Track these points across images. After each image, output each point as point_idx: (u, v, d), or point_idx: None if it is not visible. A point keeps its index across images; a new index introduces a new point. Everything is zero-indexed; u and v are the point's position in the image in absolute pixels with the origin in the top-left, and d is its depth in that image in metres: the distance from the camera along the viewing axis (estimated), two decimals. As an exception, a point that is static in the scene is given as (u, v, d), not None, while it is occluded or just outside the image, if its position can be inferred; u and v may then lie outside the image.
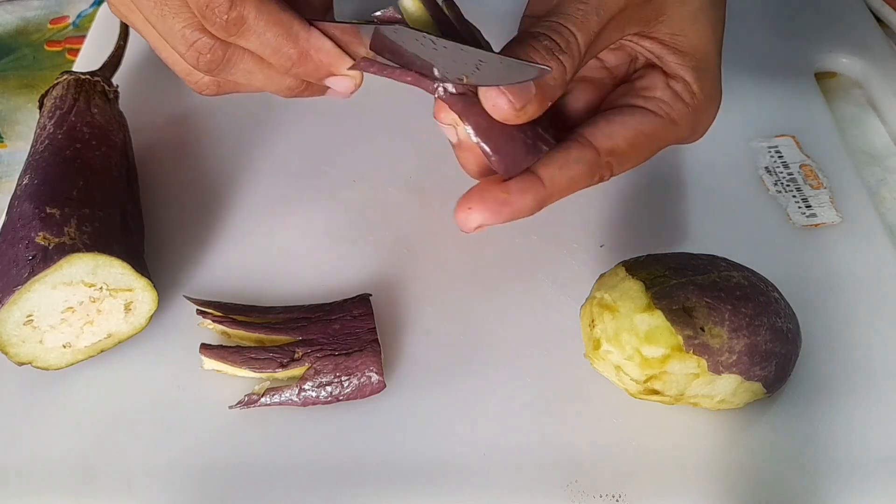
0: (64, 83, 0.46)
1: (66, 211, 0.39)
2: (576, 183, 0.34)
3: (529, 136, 0.33)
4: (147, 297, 0.40)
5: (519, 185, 0.33)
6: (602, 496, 0.36)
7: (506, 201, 0.33)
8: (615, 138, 0.35)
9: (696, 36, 0.36)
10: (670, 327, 0.34)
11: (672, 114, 0.36)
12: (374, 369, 0.38)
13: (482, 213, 0.33)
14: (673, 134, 0.36)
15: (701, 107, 0.37)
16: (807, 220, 0.46)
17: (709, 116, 0.38)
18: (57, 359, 0.39)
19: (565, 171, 0.34)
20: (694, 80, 0.36)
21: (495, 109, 0.32)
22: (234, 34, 0.32)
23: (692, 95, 0.36)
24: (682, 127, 0.36)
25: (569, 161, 0.34)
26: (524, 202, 0.33)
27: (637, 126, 0.35)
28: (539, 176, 0.33)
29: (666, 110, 0.36)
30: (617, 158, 0.35)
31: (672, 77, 0.36)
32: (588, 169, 0.34)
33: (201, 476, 0.37)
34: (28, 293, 0.37)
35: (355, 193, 0.48)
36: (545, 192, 0.33)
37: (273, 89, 0.36)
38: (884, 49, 0.56)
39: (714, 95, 0.37)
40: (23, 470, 0.37)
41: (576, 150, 0.34)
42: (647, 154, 0.36)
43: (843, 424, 0.38)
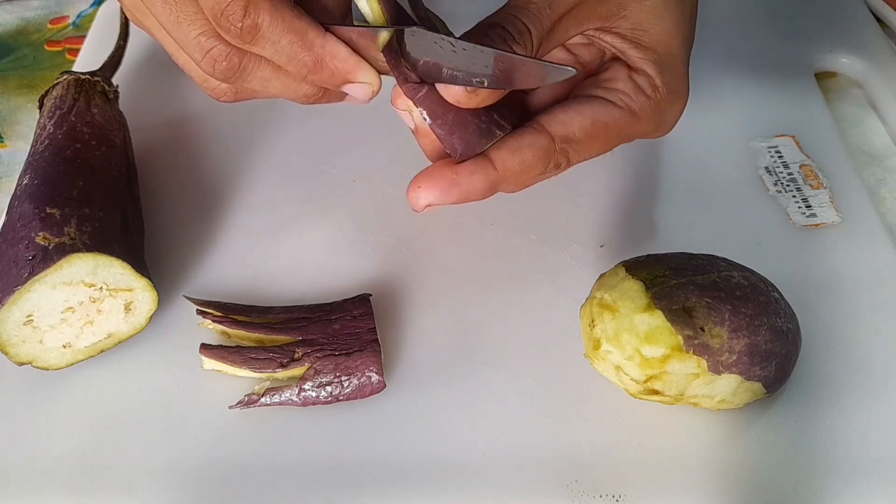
0: (64, 83, 0.46)
1: (66, 211, 0.39)
2: (529, 168, 0.34)
3: (484, 122, 0.34)
4: (147, 297, 0.40)
5: (469, 167, 0.33)
6: (602, 496, 0.36)
7: (454, 181, 0.33)
8: (571, 126, 0.35)
9: (658, 31, 0.36)
10: (670, 327, 0.34)
11: (633, 105, 0.36)
12: (374, 369, 0.38)
13: (431, 192, 0.33)
14: (634, 126, 0.37)
15: (664, 101, 0.37)
16: (807, 220, 0.46)
17: (674, 111, 0.38)
18: (57, 359, 0.39)
19: (517, 154, 0.34)
20: (656, 73, 0.36)
21: (447, 91, 0.33)
22: (248, 42, 0.32)
23: (654, 89, 0.36)
24: (644, 120, 0.37)
25: (521, 145, 0.34)
26: (473, 183, 0.33)
27: (594, 115, 0.35)
28: (490, 158, 0.34)
29: (626, 102, 0.36)
30: (573, 146, 0.35)
31: (635, 70, 0.36)
32: (542, 154, 0.34)
33: (201, 476, 0.37)
34: (28, 293, 0.37)
35: (355, 193, 0.49)
36: (496, 176, 0.34)
37: (290, 96, 0.36)
38: (884, 49, 0.56)
39: (679, 91, 0.37)
40: (23, 470, 0.37)
41: (529, 136, 0.34)
42: (606, 144, 0.36)
43: (843, 424, 0.38)
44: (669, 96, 0.37)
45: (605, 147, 0.37)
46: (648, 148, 0.50)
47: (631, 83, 0.36)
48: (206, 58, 0.33)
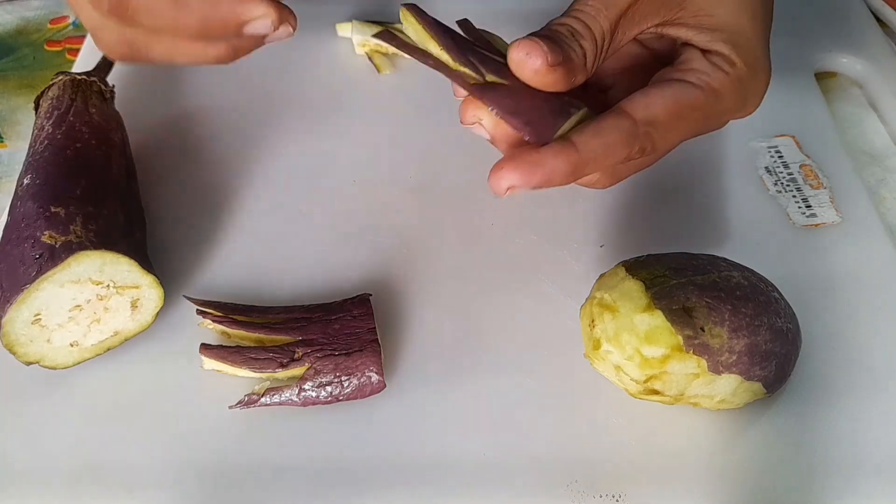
0: (60, 84, 0.46)
1: (70, 209, 0.39)
2: (612, 151, 0.33)
3: (557, 104, 0.33)
4: (153, 293, 0.40)
5: (551, 149, 0.32)
6: (602, 496, 0.36)
7: (538, 161, 0.32)
8: (653, 108, 0.34)
9: (723, 12, 0.36)
10: (670, 327, 0.34)
11: (713, 83, 0.35)
12: (374, 369, 0.38)
13: (514, 174, 0.32)
14: (718, 104, 0.36)
15: (744, 76, 0.36)
16: (807, 220, 0.46)
17: (757, 87, 0.37)
18: (64, 358, 0.39)
19: (599, 137, 0.33)
20: (730, 51, 0.36)
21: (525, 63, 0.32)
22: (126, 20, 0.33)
23: (732, 65, 0.36)
24: (727, 97, 0.36)
25: (603, 128, 0.33)
26: (557, 164, 0.32)
27: (676, 96, 0.35)
28: (572, 141, 0.33)
29: (705, 80, 0.35)
30: (657, 129, 0.34)
31: (708, 52, 0.36)
32: (624, 137, 0.33)
33: (201, 476, 0.37)
34: (36, 292, 0.37)
35: (355, 193, 0.48)
36: (578, 157, 0.32)
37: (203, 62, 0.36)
38: (884, 49, 0.56)
39: (758, 66, 0.37)
40: (23, 470, 0.37)
41: (611, 118, 0.33)
42: (692, 126, 0.36)
43: (843, 424, 0.38)
44: (749, 71, 0.36)
45: (691, 129, 0.36)
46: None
47: (707, 62, 0.36)
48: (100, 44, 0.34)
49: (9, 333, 0.37)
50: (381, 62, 0.56)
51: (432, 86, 0.54)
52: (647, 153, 0.35)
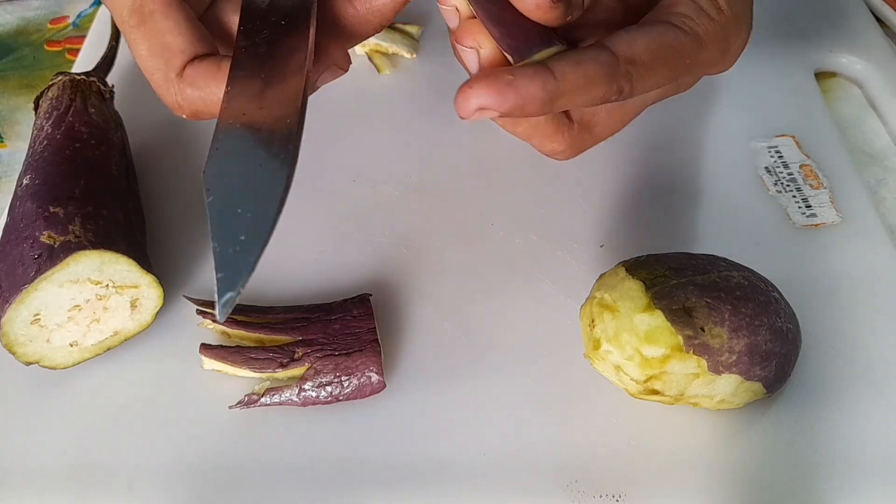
0: (59, 84, 0.46)
1: (69, 209, 0.39)
2: (590, 84, 0.31)
3: (543, 32, 0.31)
4: (153, 293, 0.40)
5: (527, 71, 0.30)
6: (602, 496, 0.36)
7: (511, 83, 0.29)
8: (635, 46, 0.32)
9: None
10: (670, 327, 0.34)
11: (697, 28, 0.34)
12: (374, 369, 0.38)
13: (486, 93, 0.29)
14: (700, 52, 0.34)
15: (729, 25, 0.35)
16: (807, 220, 0.46)
17: (739, 39, 0.36)
18: (64, 358, 0.39)
19: (579, 67, 0.30)
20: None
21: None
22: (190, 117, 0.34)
23: (718, 11, 0.34)
24: (710, 46, 0.34)
25: (583, 59, 0.31)
26: (532, 89, 0.29)
27: (659, 37, 0.33)
28: (550, 68, 0.30)
29: (690, 25, 0.34)
30: (637, 69, 0.32)
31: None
32: (605, 72, 0.31)
33: (201, 476, 0.37)
34: (35, 292, 0.37)
35: (355, 193, 0.48)
36: (555, 85, 0.30)
37: None
38: (884, 49, 0.56)
39: (742, 16, 0.35)
40: (22, 470, 0.37)
41: (592, 51, 0.31)
42: (671, 70, 0.34)
43: (843, 424, 0.38)
44: (734, 21, 0.35)
45: (670, 73, 0.34)
46: (648, 147, 0.50)
47: (693, 5, 0.34)
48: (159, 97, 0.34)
49: (8, 333, 0.37)
50: (381, 62, 0.56)
51: (432, 86, 0.54)
52: (624, 95, 0.33)
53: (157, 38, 0.33)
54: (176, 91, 0.34)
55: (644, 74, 0.32)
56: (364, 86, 0.55)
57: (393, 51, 0.56)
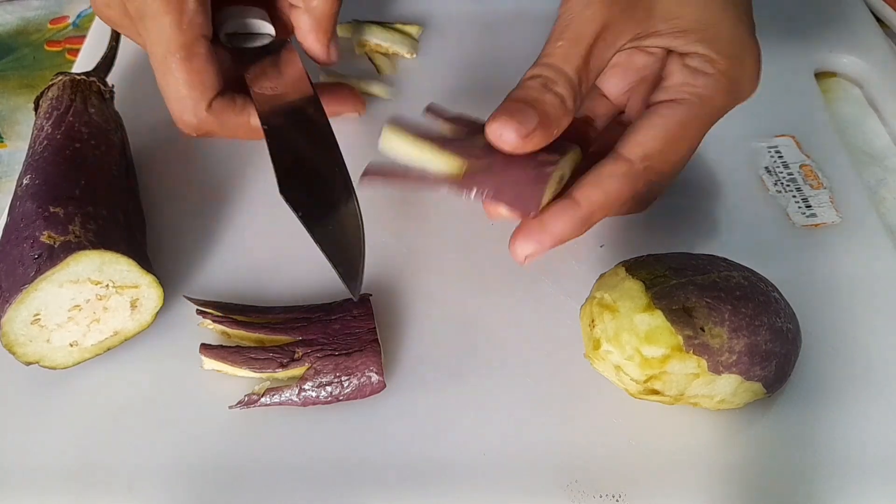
0: (59, 84, 0.46)
1: (69, 209, 0.39)
2: (614, 197, 0.35)
3: (532, 168, 0.34)
4: (153, 293, 0.40)
5: (554, 212, 0.35)
6: (602, 496, 0.36)
7: (544, 227, 0.35)
8: (646, 144, 0.35)
9: (692, 11, 0.36)
10: (670, 327, 0.34)
11: (697, 91, 0.36)
12: (374, 369, 0.38)
13: (527, 244, 0.35)
14: (710, 107, 0.36)
15: (729, 70, 0.36)
16: (807, 220, 0.46)
17: (748, 72, 0.37)
18: (64, 358, 0.39)
19: (599, 187, 0.35)
20: (707, 49, 0.36)
21: (501, 141, 0.33)
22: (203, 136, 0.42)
23: (712, 63, 0.36)
24: (718, 96, 0.36)
25: (601, 177, 0.35)
26: (564, 224, 0.34)
27: (665, 123, 0.35)
28: (574, 198, 0.35)
29: (689, 91, 0.36)
30: (656, 160, 0.35)
31: (687, 55, 0.36)
32: (624, 181, 0.35)
33: (201, 476, 0.37)
34: (35, 292, 0.37)
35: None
36: (583, 212, 0.35)
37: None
38: (884, 49, 0.56)
39: (743, 53, 0.37)
40: (23, 470, 0.37)
41: (608, 166, 0.35)
42: (693, 140, 0.36)
43: (843, 424, 0.38)
44: (733, 62, 0.36)
45: (692, 142, 0.37)
46: (648, 148, 0.50)
47: (686, 70, 0.36)
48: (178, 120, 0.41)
49: (8, 333, 0.37)
50: (381, 62, 0.56)
51: (432, 86, 0.54)
52: (657, 182, 0.36)
53: (198, 74, 0.39)
54: (202, 120, 0.40)
55: (666, 159, 0.35)
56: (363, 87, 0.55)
57: (393, 51, 0.56)
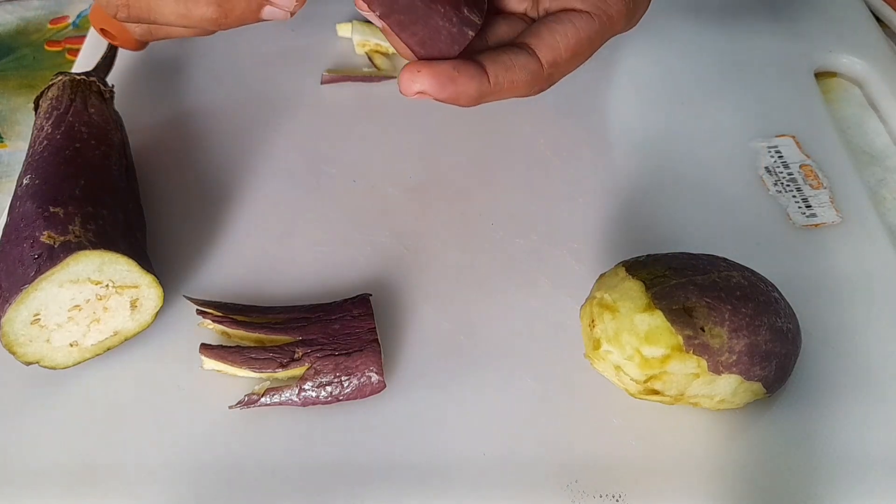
0: (59, 84, 0.46)
1: (69, 209, 0.39)
2: (516, 88, 0.35)
3: (453, 24, 0.34)
4: (153, 293, 0.40)
5: (469, 70, 0.34)
6: (602, 496, 0.36)
7: (453, 78, 0.34)
8: (558, 50, 0.36)
9: None
10: (670, 327, 0.34)
11: (610, 11, 0.36)
12: (374, 369, 0.38)
13: (428, 81, 0.34)
14: (609, 31, 0.37)
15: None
16: (807, 220, 0.46)
17: (643, 6, 0.38)
18: (64, 358, 0.39)
19: (510, 74, 0.35)
20: None
21: None
22: None
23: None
24: (620, 20, 0.37)
25: (515, 66, 0.35)
26: (468, 88, 0.34)
27: (577, 33, 0.36)
28: (486, 71, 0.34)
29: (603, 8, 0.36)
30: (558, 69, 0.36)
31: None
32: (531, 78, 0.35)
33: (201, 476, 0.37)
34: (35, 292, 0.37)
35: (355, 193, 0.48)
36: (488, 88, 0.35)
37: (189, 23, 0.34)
38: (884, 49, 0.56)
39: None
40: (22, 470, 0.37)
41: (523, 57, 0.35)
42: (584, 59, 0.37)
43: (843, 424, 0.38)
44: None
45: (583, 61, 0.37)
46: (648, 148, 0.50)
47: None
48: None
49: (8, 333, 0.37)
50: (381, 62, 0.56)
51: (432, 86, 0.54)
52: (540, 91, 0.36)
53: None
54: None
55: (562, 70, 0.36)
56: (364, 86, 0.55)
57: (393, 51, 0.56)
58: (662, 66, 0.55)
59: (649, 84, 0.54)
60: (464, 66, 0.34)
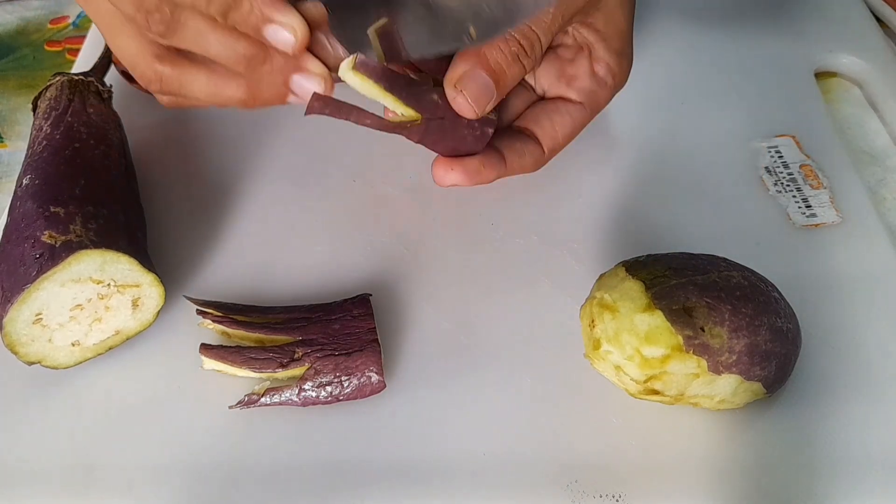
0: (57, 84, 0.46)
1: (70, 209, 0.39)
2: (523, 169, 0.41)
3: (476, 128, 0.39)
4: (154, 292, 0.40)
5: (490, 161, 0.40)
6: (602, 496, 0.36)
7: (479, 171, 0.39)
8: (556, 138, 0.41)
9: (621, 19, 0.40)
10: (670, 327, 0.34)
11: (597, 101, 0.41)
12: (374, 369, 0.38)
13: (460, 176, 0.39)
14: (596, 114, 0.42)
15: (619, 85, 0.42)
16: (807, 220, 0.46)
17: (622, 86, 0.43)
18: (66, 357, 0.39)
19: (521, 160, 0.41)
20: (616, 63, 0.41)
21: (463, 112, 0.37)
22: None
23: (613, 76, 0.41)
24: (604, 104, 0.42)
25: (525, 153, 0.41)
26: (489, 175, 0.40)
27: (572, 122, 0.41)
28: (504, 158, 0.40)
29: (593, 99, 0.41)
30: (554, 152, 0.42)
31: (596, 61, 0.41)
32: (535, 161, 0.41)
33: (201, 476, 0.37)
34: (37, 291, 0.37)
35: (355, 193, 0.48)
36: (504, 172, 0.40)
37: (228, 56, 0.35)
38: (884, 49, 0.56)
39: (628, 65, 0.42)
40: (23, 470, 0.37)
41: (531, 146, 0.41)
42: (571, 140, 0.42)
43: (843, 424, 0.38)
44: (623, 76, 0.42)
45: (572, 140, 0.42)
46: (648, 148, 0.50)
47: (592, 79, 0.41)
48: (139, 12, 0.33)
49: (10, 333, 0.37)
50: (381, 62, 0.56)
51: (432, 86, 0.54)
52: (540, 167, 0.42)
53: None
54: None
55: (557, 152, 0.42)
56: (364, 86, 0.55)
57: (393, 51, 0.56)
58: (663, 67, 0.55)
59: (650, 84, 0.54)
60: (488, 159, 0.40)
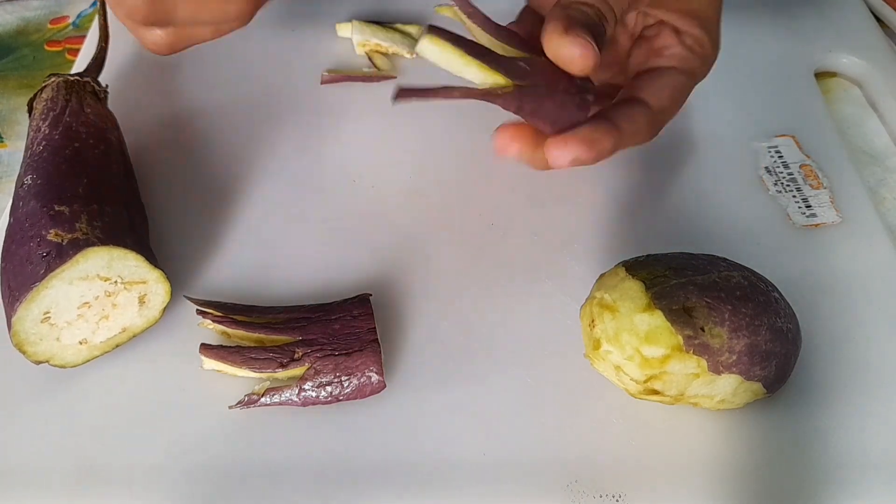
0: (53, 85, 0.46)
1: (75, 207, 0.39)
2: (639, 134, 0.39)
3: (575, 92, 0.36)
4: (160, 289, 0.40)
5: (603, 128, 0.37)
6: (602, 496, 0.36)
7: (596, 140, 0.36)
8: (663, 98, 0.40)
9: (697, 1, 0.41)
10: (670, 327, 0.34)
11: (692, 66, 0.41)
12: (374, 369, 0.38)
13: (577, 146, 0.36)
14: (693, 83, 0.42)
15: (710, 55, 0.42)
16: (807, 220, 0.46)
17: (713, 59, 0.42)
18: (73, 356, 0.39)
19: (634, 124, 0.38)
20: (702, 34, 0.41)
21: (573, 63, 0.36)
22: None
23: (702, 46, 0.41)
24: (699, 74, 0.42)
25: (634, 115, 0.39)
26: (607, 143, 0.37)
27: (673, 83, 0.40)
28: (616, 124, 0.37)
29: (685, 65, 0.41)
30: (665, 114, 0.40)
31: (682, 33, 0.41)
32: (649, 123, 0.39)
33: (201, 476, 0.37)
34: (46, 290, 0.37)
35: (355, 193, 0.48)
36: (620, 140, 0.37)
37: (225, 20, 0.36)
38: (884, 49, 0.56)
39: (718, 42, 0.42)
40: (22, 470, 0.37)
41: (640, 108, 0.39)
42: (680, 106, 0.41)
43: (843, 424, 0.38)
44: (714, 47, 0.42)
45: (678, 110, 0.41)
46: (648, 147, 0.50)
47: (683, 48, 0.41)
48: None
49: (19, 332, 0.37)
50: (381, 62, 0.56)
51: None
52: (656, 136, 0.40)
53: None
54: None
55: (667, 117, 0.40)
56: (364, 86, 0.55)
57: (393, 51, 0.56)
58: (662, 66, 0.55)
59: (649, 84, 0.54)
60: (599, 126, 0.37)
